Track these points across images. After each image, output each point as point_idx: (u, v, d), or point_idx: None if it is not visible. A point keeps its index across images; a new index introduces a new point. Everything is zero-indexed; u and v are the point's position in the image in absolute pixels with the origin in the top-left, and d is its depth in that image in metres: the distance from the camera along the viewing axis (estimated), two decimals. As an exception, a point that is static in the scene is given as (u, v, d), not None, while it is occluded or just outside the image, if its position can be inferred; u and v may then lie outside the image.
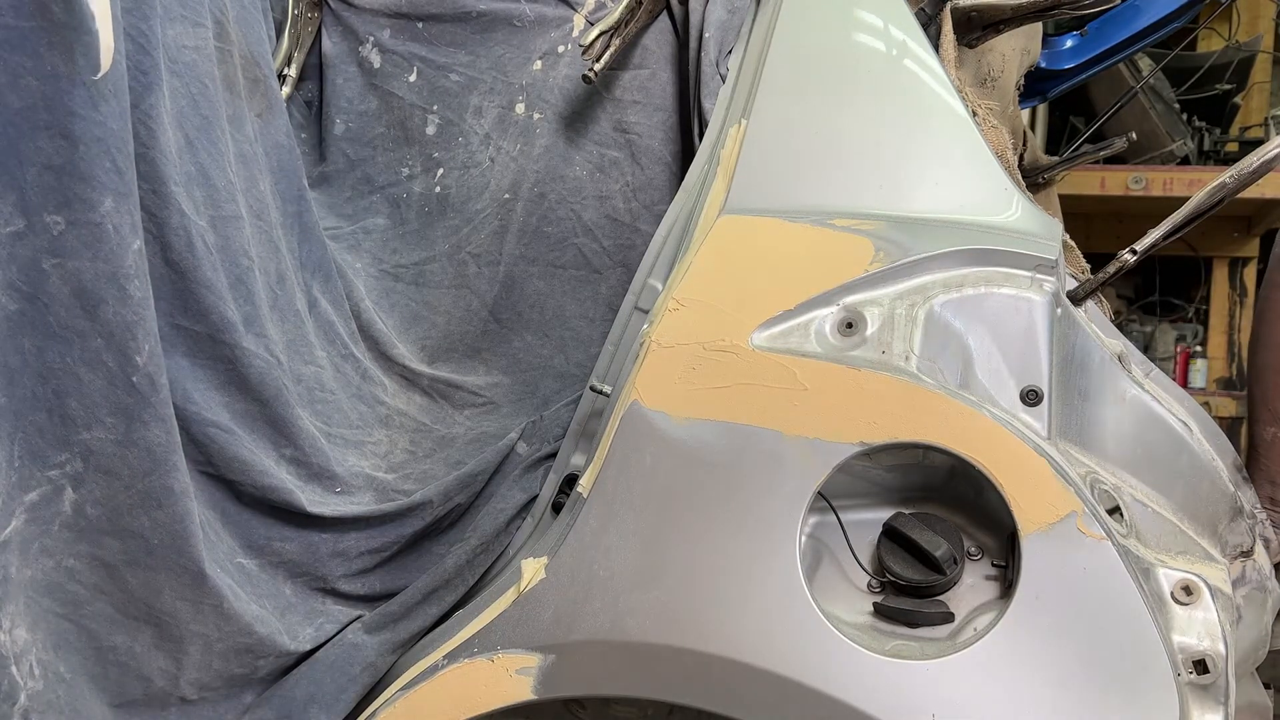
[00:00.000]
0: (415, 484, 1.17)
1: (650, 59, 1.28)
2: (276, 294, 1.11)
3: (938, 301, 0.96)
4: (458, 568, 1.13)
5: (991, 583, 0.97)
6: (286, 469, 1.07)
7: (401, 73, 1.36)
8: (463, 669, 1.05)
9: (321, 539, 1.09)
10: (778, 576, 0.95)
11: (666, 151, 1.28)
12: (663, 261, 1.12)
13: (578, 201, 1.28)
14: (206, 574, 0.95)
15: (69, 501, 0.88)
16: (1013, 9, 1.16)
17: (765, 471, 0.96)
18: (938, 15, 1.17)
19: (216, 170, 1.03)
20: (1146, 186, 2.77)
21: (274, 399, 1.05)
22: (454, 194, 1.33)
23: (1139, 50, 1.66)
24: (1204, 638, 0.87)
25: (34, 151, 0.82)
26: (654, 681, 0.99)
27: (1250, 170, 1.01)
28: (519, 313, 1.29)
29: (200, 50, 1.02)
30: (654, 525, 1.00)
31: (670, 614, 0.98)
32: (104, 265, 0.84)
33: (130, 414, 0.88)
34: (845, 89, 1.09)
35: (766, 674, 0.94)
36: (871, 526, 1.00)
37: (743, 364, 0.98)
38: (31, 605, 0.88)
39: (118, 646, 0.94)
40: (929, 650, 0.93)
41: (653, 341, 1.03)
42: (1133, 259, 1.04)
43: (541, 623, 1.03)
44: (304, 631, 1.07)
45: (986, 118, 1.19)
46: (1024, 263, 0.95)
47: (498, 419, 1.27)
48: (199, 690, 1.01)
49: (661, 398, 1.01)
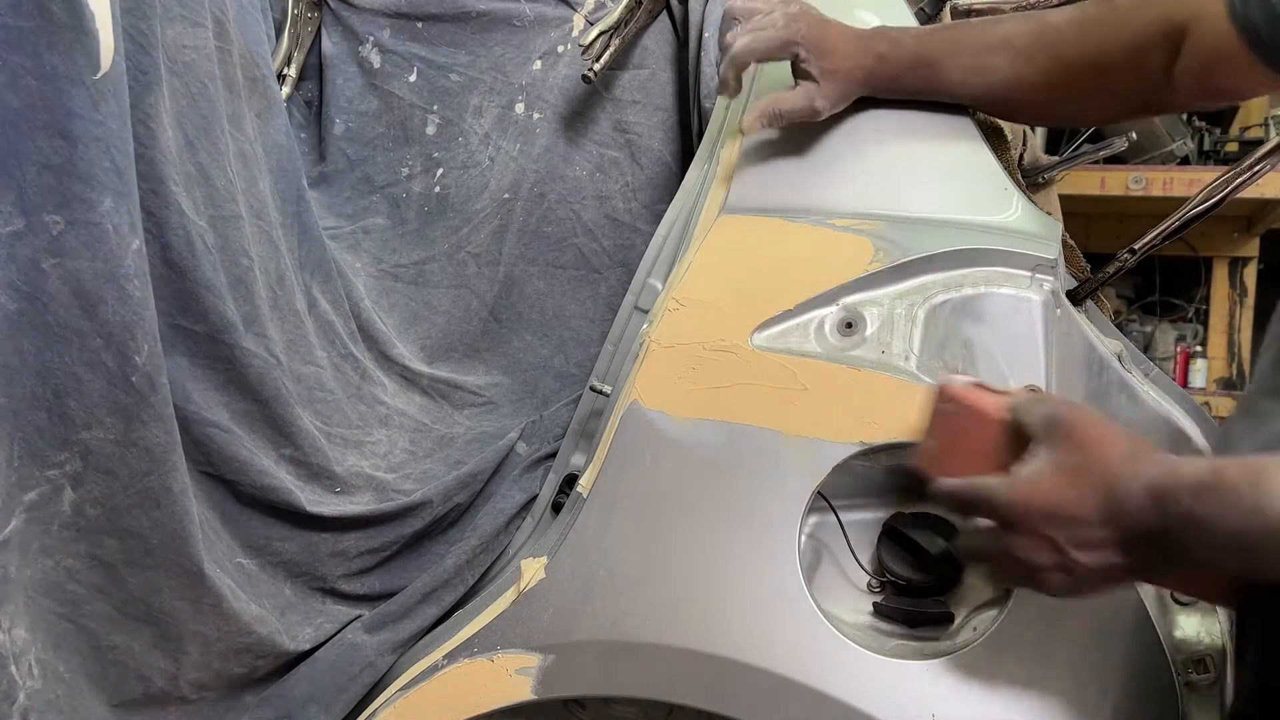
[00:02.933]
0: (415, 484, 1.17)
1: (650, 59, 1.28)
2: (276, 294, 1.11)
3: (937, 301, 0.96)
4: (457, 568, 1.13)
5: (991, 583, 0.97)
6: (286, 469, 1.07)
7: (401, 73, 1.36)
8: (463, 669, 1.05)
9: (321, 539, 1.09)
10: (777, 576, 0.95)
11: (666, 151, 1.28)
12: (663, 261, 1.12)
13: (577, 201, 1.28)
14: (206, 574, 0.95)
15: (68, 501, 0.88)
16: (1012, 9, 1.16)
17: (765, 471, 0.96)
18: (937, 15, 1.17)
19: (216, 170, 1.03)
20: (1146, 186, 2.77)
21: (273, 399, 1.05)
22: (454, 194, 1.33)
23: (1139, 50, 1.66)
24: (1204, 638, 0.87)
25: (33, 151, 0.82)
26: (654, 681, 0.99)
27: (1250, 170, 1.01)
28: (519, 312, 1.29)
29: (200, 50, 1.02)
30: (654, 525, 1.00)
31: (670, 614, 0.98)
32: (103, 265, 0.84)
33: (130, 414, 0.88)
34: (845, 89, 1.09)
35: (766, 674, 0.94)
36: (871, 526, 1.00)
37: (743, 364, 0.98)
38: (31, 605, 0.88)
39: (117, 646, 0.94)
40: (929, 650, 0.93)
41: (653, 341, 1.03)
42: (1132, 259, 1.04)
43: (541, 623, 1.03)
44: (303, 631, 1.07)
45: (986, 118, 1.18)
46: (1024, 263, 0.95)
47: (497, 419, 1.27)
48: (198, 690, 1.01)
49: (661, 398, 1.01)
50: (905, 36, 1.01)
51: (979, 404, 0.83)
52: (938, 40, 1.01)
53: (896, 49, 1.00)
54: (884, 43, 1.00)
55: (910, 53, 1.00)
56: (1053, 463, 0.74)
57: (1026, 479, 0.75)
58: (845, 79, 0.99)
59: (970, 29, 1.03)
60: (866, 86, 1.01)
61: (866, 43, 1.00)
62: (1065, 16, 0.98)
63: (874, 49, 1.00)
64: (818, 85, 0.98)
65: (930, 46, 1.00)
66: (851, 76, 0.99)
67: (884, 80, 1.01)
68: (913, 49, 1.00)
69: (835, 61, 0.98)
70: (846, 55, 0.99)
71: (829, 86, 0.98)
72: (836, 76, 0.98)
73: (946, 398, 0.86)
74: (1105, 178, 2.79)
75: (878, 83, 1.01)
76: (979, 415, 0.82)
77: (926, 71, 1.00)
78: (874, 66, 0.99)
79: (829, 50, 0.98)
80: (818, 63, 0.98)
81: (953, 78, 0.99)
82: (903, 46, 1.00)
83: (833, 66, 0.98)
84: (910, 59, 1.00)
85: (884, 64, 1.00)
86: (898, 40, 1.01)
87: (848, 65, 0.99)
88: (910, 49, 1.00)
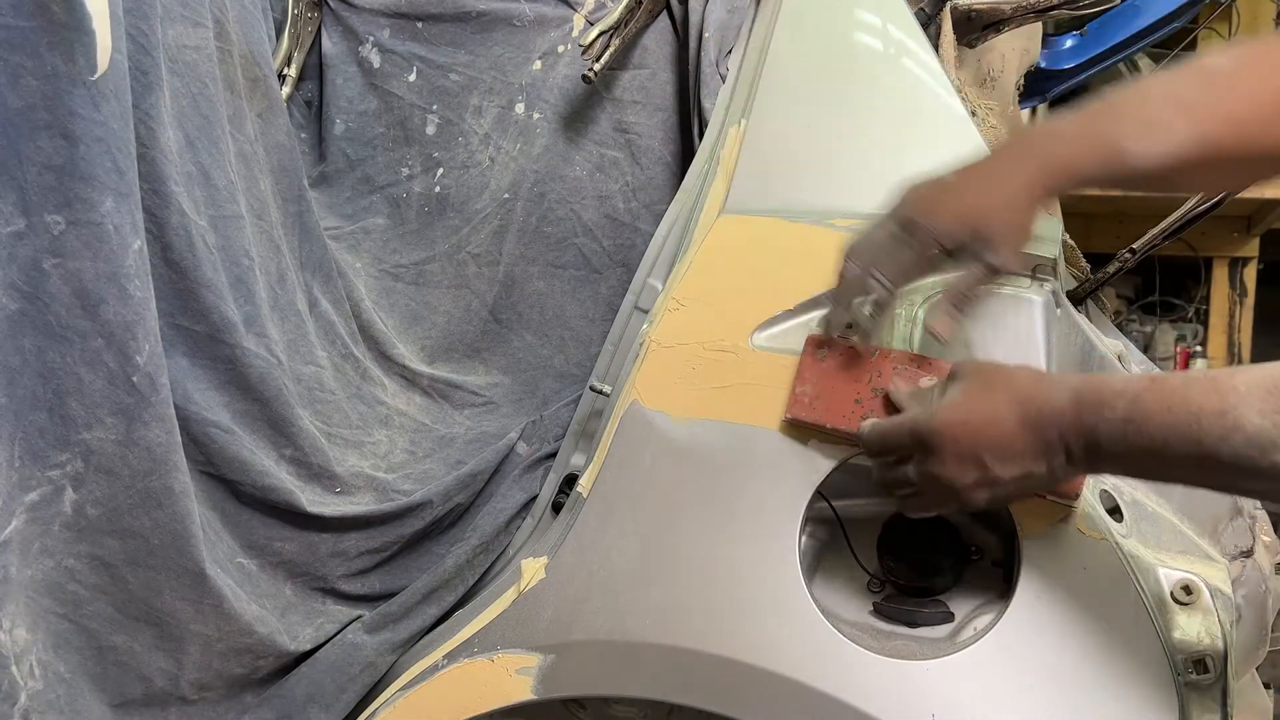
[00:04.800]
0: (415, 484, 1.17)
1: (650, 59, 1.28)
2: (277, 294, 1.11)
3: (938, 301, 0.96)
4: (458, 568, 1.13)
5: (991, 583, 0.97)
6: (286, 469, 1.07)
7: (401, 73, 1.36)
8: (463, 669, 1.05)
9: (321, 539, 1.09)
10: (778, 576, 0.95)
11: (666, 151, 1.28)
12: (663, 261, 1.12)
13: (577, 201, 1.28)
14: (206, 574, 0.95)
15: (69, 501, 0.88)
16: (1012, 9, 1.16)
17: (765, 471, 0.96)
18: (937, 15, 1.18)
19: (217, 170, 1.03)
20: (1147, 186, 2.76)
21: (274, 399, 1.05)
22: (454, 194, 1.33)
23: (1139, 50, 1.66)
24: (1204, 638, 0.86)
25: (34, 151, 0.82)
26: (654, 681, 0.99)
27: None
28: (519, 313, 1.29)
29: (200, 50, 1.02)
30: (654, 525, 1.00)
31: (670, 614, 0.98)
32: (104, 265, 0.84)
33: (130, 414, 0.88)
34: (845, 89, 1.09)
35: (766, 674, 0.94)
36: (871, 526, 1.00)
37: (743, 364, 0.98)
38: (31, 605, 0.88)
39: (118, 646, 0.94)
40: (929, 650, 0.93)
41: (653, 341, 1.03)
42: (1132, 259, 1.04)
43: (541, 623, 1.03)
44: (304, 631, 1.07)
45: (986, 118, 1.19)
46: (1024, 262, 0.95)
47: (498, 419, 1.27)
48: (199, 690, 1.01)
49: (661, 398, 1.01)
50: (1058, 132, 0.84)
51: (852, 346, 0.92)
52: (1104, 111, 0.83)
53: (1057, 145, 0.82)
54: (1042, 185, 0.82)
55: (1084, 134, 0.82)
56: (967, 390, 0.79)
57: (946, 406, 0.79)
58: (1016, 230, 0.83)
59: (1137, 90, 0.83)
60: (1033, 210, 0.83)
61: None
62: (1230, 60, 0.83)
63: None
64: (983, 243, 0.83)
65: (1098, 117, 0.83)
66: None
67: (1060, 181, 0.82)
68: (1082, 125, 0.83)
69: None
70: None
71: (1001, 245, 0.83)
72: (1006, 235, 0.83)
73: (819, 343, 0.94)
74: (1105, 178, 2.78)
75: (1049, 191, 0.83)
76: (852, 356, 0.91)
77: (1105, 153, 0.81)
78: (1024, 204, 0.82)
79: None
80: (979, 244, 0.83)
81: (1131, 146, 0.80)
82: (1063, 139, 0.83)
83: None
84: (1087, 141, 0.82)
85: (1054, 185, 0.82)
86: (1054, 132, 0.84)
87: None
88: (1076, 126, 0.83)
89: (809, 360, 0.94)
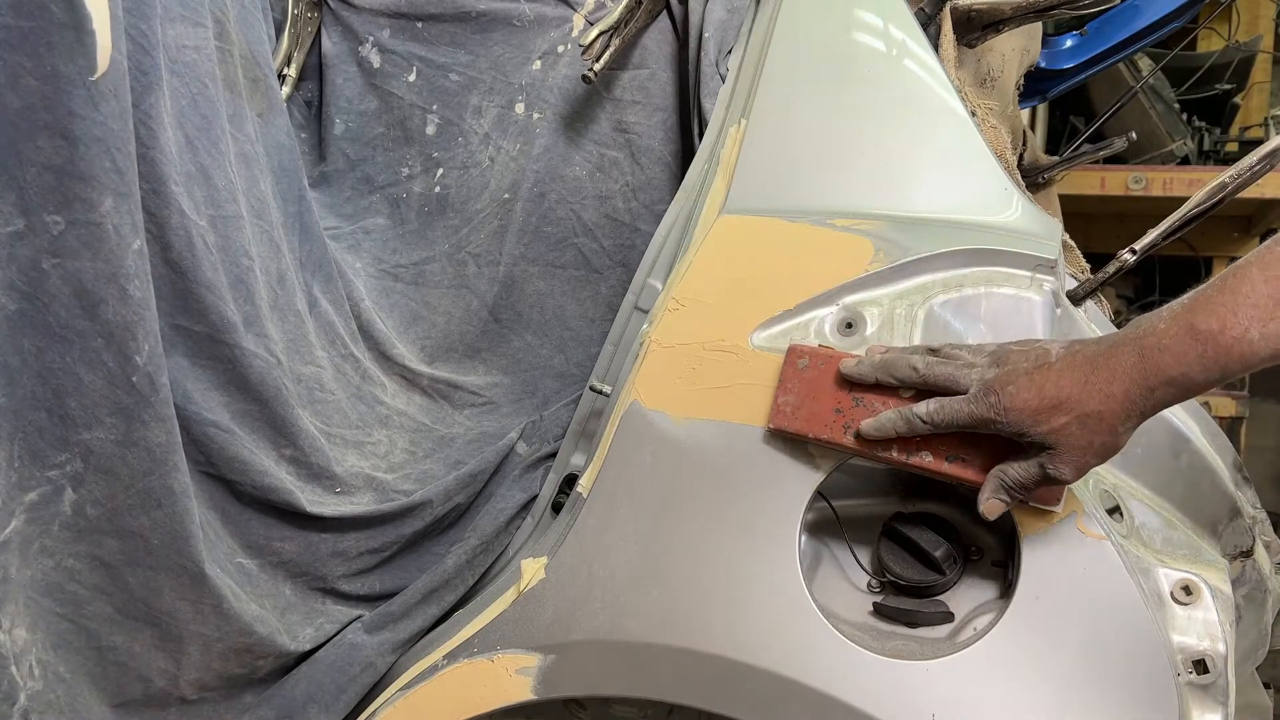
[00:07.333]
0: (415, 484, 1.17)
1: (650, 59, 1.28)
2: (277, 294, 1.11)
3: (937, 301, 0.96)
4: (458, 568, 1.13)
5: (991, 583, 0.97)
6: (286, 469, 1.07)
7: (401, 73, 1.36)
8: (463, 669, 1.05)
9: (321, 539, 1.09)
10: (778, 576, 0.95)
11: (666, 151, 1.28)
12: (663, 261, 1.12)
13: (577, 201, 1.28)
14: (206, 574, 0.95)
15: (69, 501, 0.88)
16: (1012, 9, 1.16)
17: (765, 471, 0.96)
18: (937, 15, 1.17)
19: (217, 170, 1.03)
20: (1146, 186, 2.77)
21: (274, 399, 1.05)
22: (454, 194, 1.33)
23: (1139, 50, 1.66)
24: (1204, 638, 0.86)
25: (34, 151, 0.82)
26: (654, 681, 0.99)
27: (1250, 170, 1.01)
28: (519, 313, 1.29)
29: (200, 50, 1.02)
30: (654, 525, 1.00)
31: (670, 614, 0.98)
32: (104, 265, 0.84)
33: (130, 414, 0.88)
34: (845, 89, 1.09)
35: (766, 674, 0.94)
36: (871, 526, 1.00)
37: (743, 364, 0.98)
38: (31, 605, 0.88)
39: (117, 646, 0.94)
40: (929, 650, 0.93)
41: (653, 341, 1.03)
42: (1132, 259, 1.04)
43: (541, 623, 1.03)
44: (304, 631, 1.07)
45: (986, 118, 1.19)
46: (1024, 263, 0.95)
47: (497, 419, 1.27)
48: (199, 690, 1.01)
49: (661, 398, 1.01)
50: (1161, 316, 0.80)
51: (833, 356, 0.92)
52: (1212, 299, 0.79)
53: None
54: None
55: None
56: (1011, 366, 0.80)
57: (997, 384, 0.80)
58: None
59: (1245, 269, 0.79)
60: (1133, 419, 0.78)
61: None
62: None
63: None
64: (1052, 451, 0.79)
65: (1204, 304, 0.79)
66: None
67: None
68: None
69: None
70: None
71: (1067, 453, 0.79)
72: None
73: (801, 354, 0.94)
74: (1105, 178, 2.78)
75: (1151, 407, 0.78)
76: (834, 366, 0.91)
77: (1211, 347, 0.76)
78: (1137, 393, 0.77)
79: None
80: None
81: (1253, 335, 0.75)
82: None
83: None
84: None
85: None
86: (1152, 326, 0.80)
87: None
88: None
89: (790, 370, 0.94)
